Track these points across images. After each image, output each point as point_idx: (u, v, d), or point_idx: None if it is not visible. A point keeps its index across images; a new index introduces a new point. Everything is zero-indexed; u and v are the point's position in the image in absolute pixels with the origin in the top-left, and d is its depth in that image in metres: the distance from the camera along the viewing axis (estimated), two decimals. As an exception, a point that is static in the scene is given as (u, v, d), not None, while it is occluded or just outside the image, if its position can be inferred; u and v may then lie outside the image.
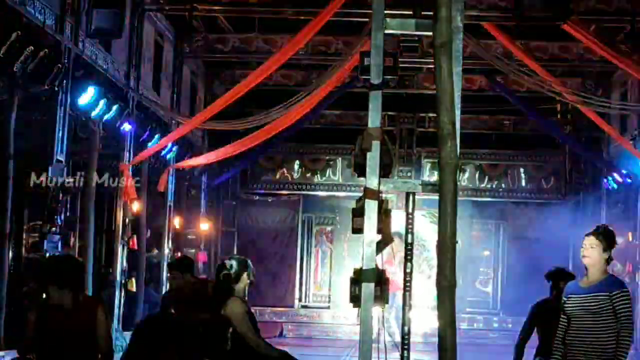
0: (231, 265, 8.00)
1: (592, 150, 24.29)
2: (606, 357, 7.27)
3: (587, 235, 7.53)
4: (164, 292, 18.84)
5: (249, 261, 8.20)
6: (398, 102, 25.84)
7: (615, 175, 21.89)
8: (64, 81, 14.22)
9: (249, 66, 22.37)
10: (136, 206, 18.47)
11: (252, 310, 8.17)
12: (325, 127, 26.33)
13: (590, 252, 7.45)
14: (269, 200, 27.19)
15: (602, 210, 23.59)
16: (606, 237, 7.48)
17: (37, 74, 13.15)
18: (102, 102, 15.62)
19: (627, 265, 21.42)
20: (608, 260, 7.49)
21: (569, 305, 7.47)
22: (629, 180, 21.10)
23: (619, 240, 7.75)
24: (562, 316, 7.55)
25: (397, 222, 7.02)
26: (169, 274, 12.87)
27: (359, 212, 6.47)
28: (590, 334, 7.32)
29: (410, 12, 6.84)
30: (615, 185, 22.20)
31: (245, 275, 7.99)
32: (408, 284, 6.57)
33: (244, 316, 7.79)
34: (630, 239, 21.26)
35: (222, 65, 23.74)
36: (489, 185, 26.61)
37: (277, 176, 26.95)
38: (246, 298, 8.11)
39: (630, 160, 20.71)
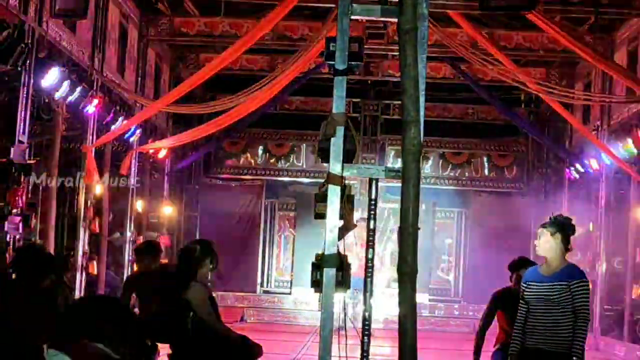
0: (195, 249, 7.96)
1: (555, 140, 24.44)
2: (564, 344, 7.32)
3: (541, 225, 7.61)
4: (125, 275, 18.77)
5: (213, 246, 8.15)
6: (363, 90, 25.90)
7: (577, 165, 22.04)
8: (27, 61, 14.08)
9: (215, 50, 22.30)
10: (98, 189, 18.38)
11: (214, 295, 8.15)
12: (290, 113, 26.33)
13: (541, 242, 7.52)
14: (233, 185, 27.14)
15: (563, 200, 23.75)
16: (560, 227, 7.51)
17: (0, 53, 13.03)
18: (65, 84, 15.49)
19: (587, 255, 21.59)
20: (566, 249, 7.53)
21: (528, 292, 7.51)
22: (590, 171, 21.25)
23: (579, 230, 7.77)
24: (521, 303, 7.60)
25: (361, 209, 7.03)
26: (133, 258, 12.83)
27: (321, 198, 6.47)
28: (549, 321, 7.37)
29: (377, -1, 6.85)
30: (577, 175, 22.36)
31: (208, 260, 7.95)
32: (370, 270, 6.58)
33: (205, 301, 7.75)
34: (591, 229, 21.42)
35: (188, 48, 23.63)
36: (452, 174, 26.71)
37: (241, 161, 26.91)
38: (209, 283, 8.07)
39: (592, 150, 20.87)
